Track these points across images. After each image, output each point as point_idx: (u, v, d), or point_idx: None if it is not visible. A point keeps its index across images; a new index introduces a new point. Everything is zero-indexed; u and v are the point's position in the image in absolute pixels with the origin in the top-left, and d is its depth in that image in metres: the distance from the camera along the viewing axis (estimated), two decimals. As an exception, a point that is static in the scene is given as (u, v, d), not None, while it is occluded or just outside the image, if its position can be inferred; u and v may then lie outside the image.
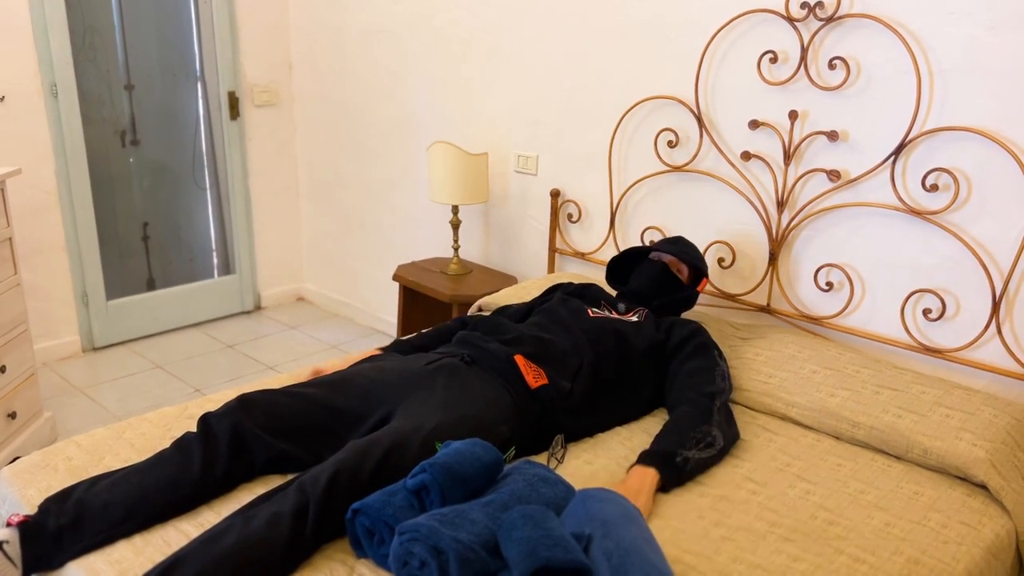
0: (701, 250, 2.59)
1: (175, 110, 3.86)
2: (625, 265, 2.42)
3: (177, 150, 3.92)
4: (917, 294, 2.17)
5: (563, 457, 1.82)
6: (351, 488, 1.47)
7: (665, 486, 1.69)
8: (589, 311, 2.16)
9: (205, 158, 4.01)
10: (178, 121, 3.89)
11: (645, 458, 1.71)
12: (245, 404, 1.69)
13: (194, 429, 1.69)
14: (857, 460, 1.85)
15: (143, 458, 1.68)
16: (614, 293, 2.43)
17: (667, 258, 2.30)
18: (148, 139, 3.80)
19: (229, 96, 3.90)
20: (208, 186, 4.06)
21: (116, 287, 3.75)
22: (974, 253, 2.05)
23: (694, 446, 1.76)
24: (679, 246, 2.30)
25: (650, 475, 1.67)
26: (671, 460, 1.71)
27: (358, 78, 3.73)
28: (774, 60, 2.32)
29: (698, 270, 2.29)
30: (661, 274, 2.28)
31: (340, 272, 4.18)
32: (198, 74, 3.89)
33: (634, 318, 2.17)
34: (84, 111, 3.48)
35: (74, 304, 3.58)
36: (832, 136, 2.23)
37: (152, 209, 3.89)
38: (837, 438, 1.95)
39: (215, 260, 4.18)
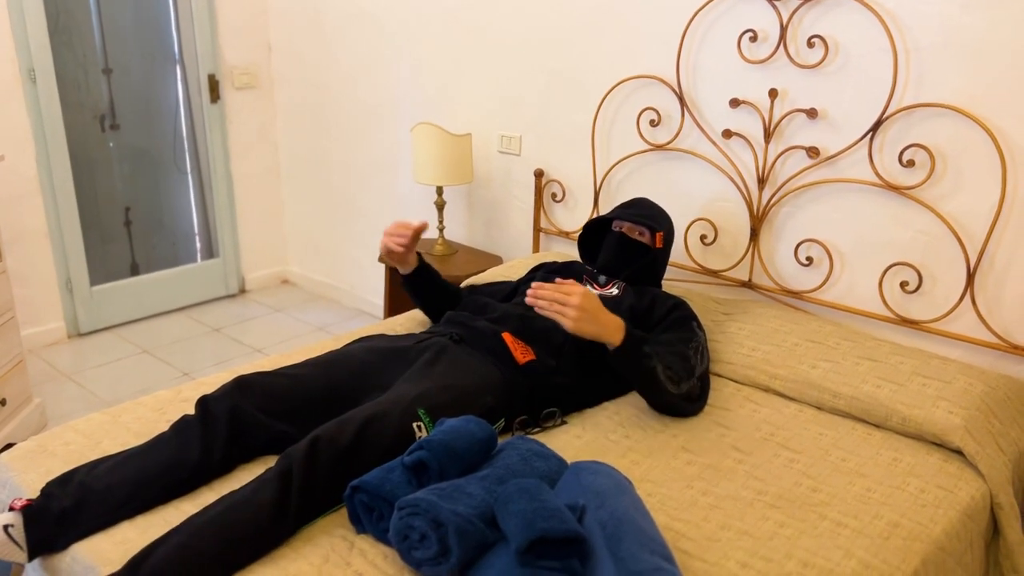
0: (684, 226, 2.63)
1: (154, 94, 3.83)
2: (597, 238, 2.40)
3: (157, 134, 3.89)
4: (894, 268, 2.23)
5: (556, 425, 1.86)
6: (330, 451, 1.51)
7: (611, 347, 1.82)
8: None
9: (186, 142, 3.99)
10: (158, 105, 3.86)
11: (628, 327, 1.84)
12: (242, 386, 1.72)
13: (189, 412, 1.71)
14: (838, 429, 1.91)
15: (141, 442, 1.70)
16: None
17: (624, 226, 2.27)
18: (128, 123, 3.77)
19: (209, 79, 3.88)
20: (189, 170, 4.04)
21: (100, 273, 3.74)
22: (949, 227, 2.10)
23: (663, 366, 1.86)
24: (634, 209, 2.27)
25: (621, 327, 1.82)
26: (640, 340, 1.84)
27: (338, 60, 3.71)
28: (754, 39, 2.36)
29: (653, 229, 2.24)
30: (621, 244, 2.25)
31: (325, 254, 4.19)
32: (177, 57, 3.86)
33: (614, 291, 2.20)
34: (62, 96, 3.44)
35: (58, 290, 3.57)
36: (811, 114, 2.27)
37: (134, 194, 3.87)
38: (819, 408, 2.01)
39: (198, 244, 4.17)
